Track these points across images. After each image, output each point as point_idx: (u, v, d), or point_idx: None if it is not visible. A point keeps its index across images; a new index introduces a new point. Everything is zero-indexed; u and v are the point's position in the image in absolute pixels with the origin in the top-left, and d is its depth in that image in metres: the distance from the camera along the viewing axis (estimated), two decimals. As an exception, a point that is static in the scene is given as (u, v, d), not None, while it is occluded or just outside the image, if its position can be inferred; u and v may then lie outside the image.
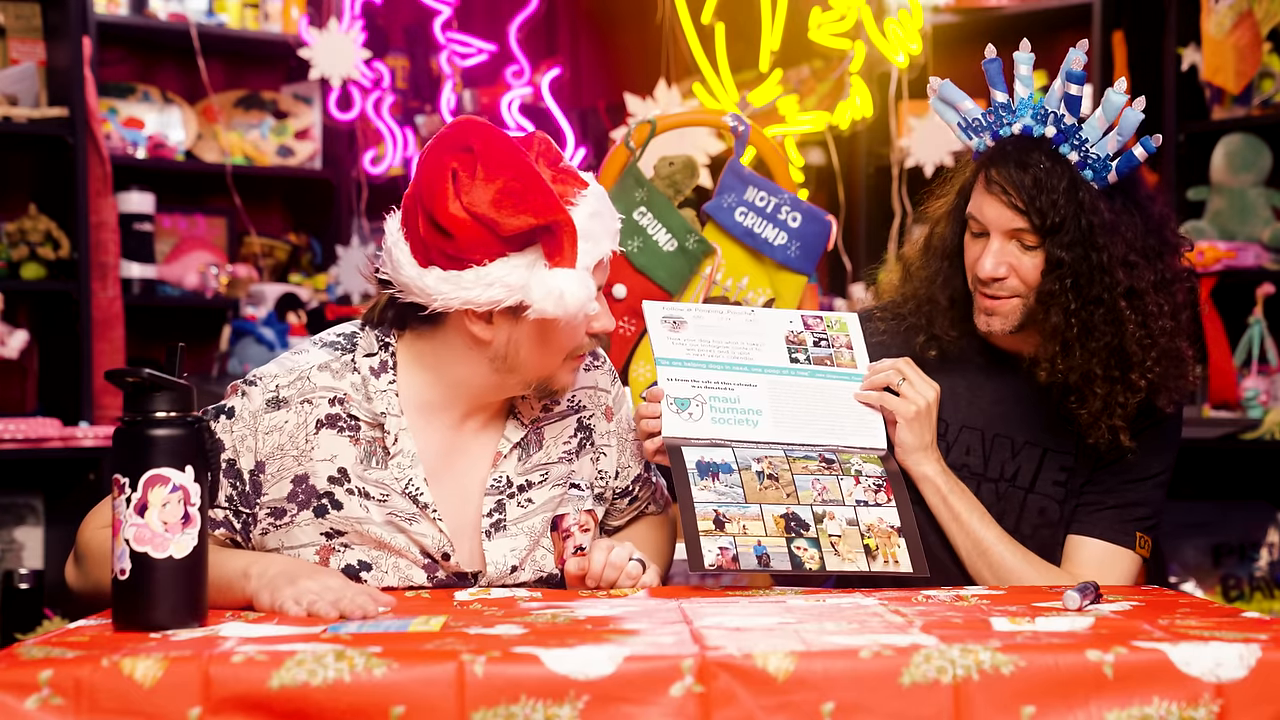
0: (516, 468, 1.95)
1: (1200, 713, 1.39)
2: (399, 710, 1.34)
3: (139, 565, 1.52)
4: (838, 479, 1.95)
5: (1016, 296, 2.05)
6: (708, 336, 2.04)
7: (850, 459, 1.99)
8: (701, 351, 2.03)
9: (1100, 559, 2.07)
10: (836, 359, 2.07)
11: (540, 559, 1.95)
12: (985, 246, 2.05)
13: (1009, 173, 2.02)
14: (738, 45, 4.75)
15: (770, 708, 1.37)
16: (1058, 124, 2.05)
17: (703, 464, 1.92)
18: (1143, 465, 2.10)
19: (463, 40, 4.87)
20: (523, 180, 1.78)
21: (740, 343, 2.05)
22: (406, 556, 1.87)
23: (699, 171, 2.82)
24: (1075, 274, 2.00)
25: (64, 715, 1.34)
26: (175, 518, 1.53)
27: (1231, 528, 4.13)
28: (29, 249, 3.90)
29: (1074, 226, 2.00)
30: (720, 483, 1.90)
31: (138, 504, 1.53)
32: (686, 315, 2.05)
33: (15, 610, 3.84)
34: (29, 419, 3.81)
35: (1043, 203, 2.00)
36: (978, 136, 2.12)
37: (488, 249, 1.79)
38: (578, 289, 1.79)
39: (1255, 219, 4.06)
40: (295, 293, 4.49)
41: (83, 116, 3.98)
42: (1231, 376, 4.00)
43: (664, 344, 2.03)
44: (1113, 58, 4.21)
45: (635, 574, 1.86)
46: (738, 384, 2.02)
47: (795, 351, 2.06)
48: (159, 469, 1.53)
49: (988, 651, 1.40)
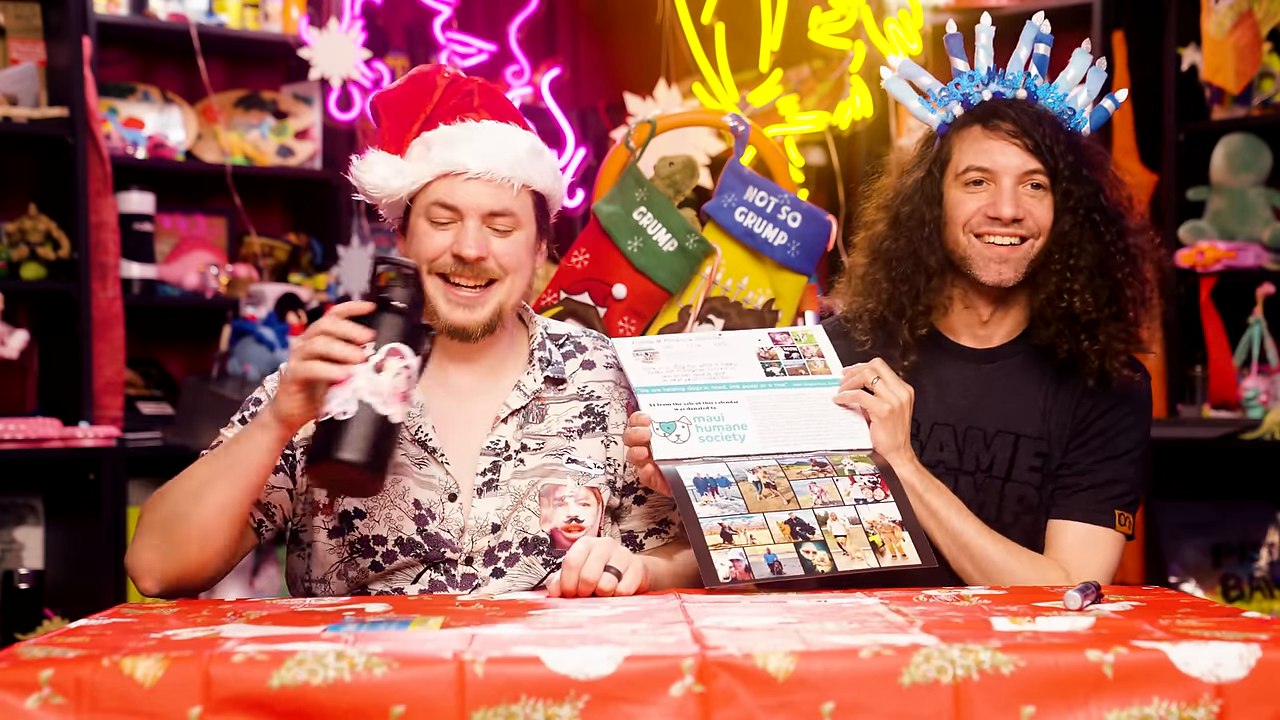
0: (515, 434, 2.03)
1: (1200, 713, 1.39)
2: (399, 710, 1.35)
3: (362, 410, 1.72)
4: (833, 480, 1.96)
5: (1030, 239, 2.10)
6: (681, 362, 2.05)
7: (841, 460, 1.99)
8: (677, 376, 2.03)
9: (1083, 541, 2.08)
10: (810, 368, 2.08)
11: (524, 519, 2.00)
12: (995, 193, 2.08)
13: (1014, 116, 2.09)
14: (738, 45, 4.75)
15: (770, 707, 1.37)
16: (1028, 86, 2.13)
17: (700, 480, 1.93)
18: (1114, 442, 2.12)
19: (463, 40, 4.87)
20: (398, 85, 2.06)
21: (714, 364, 2.06)
22: (399, 508, 1.97)
23: (699, 171, 2.82)
24: (1093, 208, 2.08)
25: (64, 715, 1.34)
26: (401, 388, 1.75)
27: (1231, 528, 4.13)
28: (29, 249, 3.90)
29: (1080, 165, 2.09)
30: (721, 496, 1.91)
31: (377, 365, 1.74)
32: (657, 346, 2.06)
33: (15, 610, 3.84)
34: (29, 419, 3.80)
35: (1051, 142, 2.08)
36: (943, 109, 2.17)
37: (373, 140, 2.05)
38: (382, 168, 2.00)
39: (1255, 219, 4.06)
40: (295, 293, 4.48)
41: (83, 116, 3.97)
42: (1231, 376, 4.01)
43: (639, 374, 2.03)
44: (1113, 58, 4.21)
45: (608, 588, 1.83)
46: (719, 402, 2.02)
47: (769, 366, 2.07)
48: (400, 344, 1.76)
49: (988, 651, 1.40)
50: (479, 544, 1.99)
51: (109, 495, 3.89)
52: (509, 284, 2.00)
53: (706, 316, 2.73)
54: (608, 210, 2.68)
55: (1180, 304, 4.14)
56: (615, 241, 2.68)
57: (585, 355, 2.13)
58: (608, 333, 2.66)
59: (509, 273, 1.99)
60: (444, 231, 1.99)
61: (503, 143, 1.99)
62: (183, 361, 4.59)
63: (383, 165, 2.02)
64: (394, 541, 1.98)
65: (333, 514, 1.99)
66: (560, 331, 2.15)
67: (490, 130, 2.00)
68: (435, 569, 1.98)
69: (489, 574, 1.99)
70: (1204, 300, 4.06)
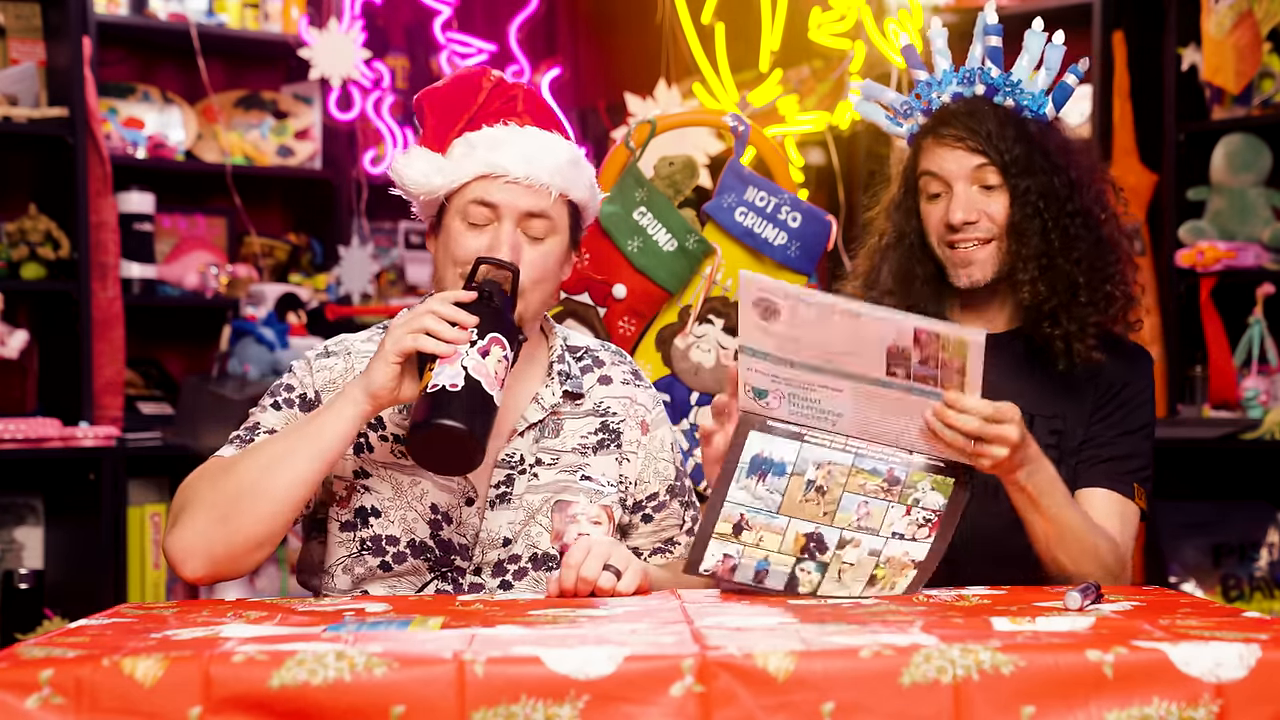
0: (530, 447, 2.02)
1: (1200, 713, 1.39)
2: (399, 710, 1.35)
3: (470, 384, 1.79)
4: (888, 506, 1.81)
5: (990, 240, 2.11)
6: (799, 333, 1.75)
7: (920, 483, 1.81)
8: (788, 349, 1.77)
9: (1109, 508, 2.09)
10: (942, 381, 1.76)
11: (535, 535, 2.00)
12: (948, 199, 2.11)
13: (959, 121, 2.11)
14: (738, 45, 4.75)
15: (770, 707, 1.37)
16: (985, 80, 2.15)
17: (758, 459, 1.79)
18: (1131, 418, 2.15)
19: (463, 40, 4.87)
20: (444, 84, 2.05)
21: (835, 345, 1.75)
22: (415, 510, 1.97)
23: (699, 171, 2.82)
24: (1043, 195, 2.08)
25: (64, 714, 1.34)
26: (501, 373, 1.83)
27: (1231, 528, 4.13)
28: (29, 249, 3.90)
29: (1033, 154, 2.09)
30: (763, 485, 1.80)
31: (481, 349, 1.81)
32: (783, 303, 1.74)
33: (15, 610, 3.84)
34: (29, 419, 3.80)
35: (997, 138, 2.09)
36: (908, 120, 2.20)
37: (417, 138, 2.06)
38: (423, 165, 1.99)
39: (1255, 219, 4.06)
40: (295, 293, 4.48)
41: (83, 116, 3.98)
42: (1231, 376, 4.00)
43: (751, 331, 1.77)
44: (1113, 58, 4.22)
45: (607, 586, 1.83)
46: (821, 385, 1.78)
47: (895, 365, 1.75)
48: (502, 335, 1.83)
49: (988, 651, 1.40)
50: (489, 556, 1.99)
51: (109, 495, 3.89)
52: (533, 296, 1.97)
53: (706, 316, 2.73)
54: (608, 210, 2.68)
55: (1180, 304, 4.14)
56: (615, 241, 2.68)
57: (603, 370, 2.11)
58: (608, 333, 2.67)
59: (536, 285, 1.97)
60: (479, 234, 1.97)
61: (545, 149, 1.98)
62: (183, 361, 4.60)
63: (424, 161, 2.00)
64: (406, 543, 1.97)
65: (348, 508, 1.99)
66: (579, 344, 2.14)
67: (533, 136, 1.99)
68: (443, 579, 1.98)
69: (496, 585, 1.99)
70: (1204, 300, 4.06)
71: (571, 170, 2.00)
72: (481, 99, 2.01)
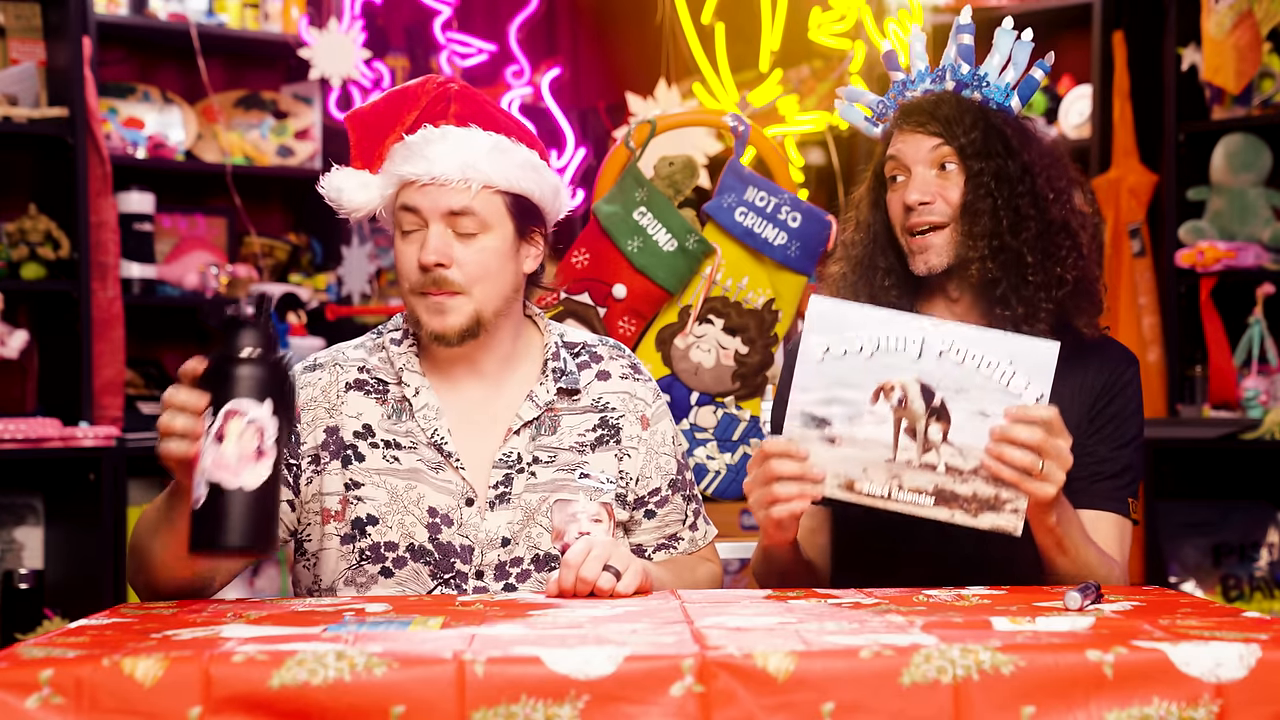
0: (527, 446, 2.01)
1: (1200, 713, 1.39)
2: (399, 710, 1.35)
3: (213, 495, 1.59)
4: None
5: (945, 226, 2.08)
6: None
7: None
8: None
9: (1111, 531, 2.07)
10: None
11: (535, 536, 1.99)
12: (908, 183, 2.10)
13: (922, 110, 2.12)
14: (738, 45, 4.75)
15: (770, 708, 1.37)
16: (955, 76, 2.16)
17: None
18: (1123, 429, 2.12)
19: (463, 40, 4.87)
20: (372, 103, 2.06)
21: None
22: (413, 514, 1.97)
23: (699, 171, 2.82)
24: (996, 177, 2.07)
25: (64, 715, 1.34)
26: (249, 450, 1.60)
27: (1231, 528, 4.13)
28: (29, 249, 3.90)
29: (990, 138, 2.08)
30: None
31: (217, 433, 1.60)
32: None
33: (15, 610, 3.84)
34: (29, 419, 3.81)
35: (955, 123, 2.09)
36: (883, 121, 2.21)
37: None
38: (350, 183, 2.00)
39: (1255, 219, 4.06)
40: (295, 293, 4.49)
41: (83, 116, 3.98)
42: (1231, 376, 4.01)
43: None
44: (1113, 58, 4.22)
45: (606, 587, 1.81)
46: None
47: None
48: (237, 402, 1.61)
49: (988, 651, 1.40)
50: (489, 557, 1.98)
51: (109, 495, 3.89)
52: (478, 294, 1.95)
53: (706, 316, 2.73)
54: (608, 210, 2.68)
55: (1180, 304, 4.15)
56: (615, 241, 2.68)
57: (601, 365, 2.10)
58: (608, 333, 2.66)
59: (475, 282, 1.95)
60: (412, 243, 1.97)
61: (461, 145, 1.96)
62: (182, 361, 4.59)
63: (347, 179, 2.02)
64: (405, 548, 1.96)
65: (344, 520, 1.98)
66: (576, 340, 2.12)
67: (445, 135, 1.97)
68: (446, 585, 1.97)
69: (500, 589, 1.98)
70: (1204, 300, 4.06)
71: (493, 159, 1.96)
72: (416, 112, 2.00)
